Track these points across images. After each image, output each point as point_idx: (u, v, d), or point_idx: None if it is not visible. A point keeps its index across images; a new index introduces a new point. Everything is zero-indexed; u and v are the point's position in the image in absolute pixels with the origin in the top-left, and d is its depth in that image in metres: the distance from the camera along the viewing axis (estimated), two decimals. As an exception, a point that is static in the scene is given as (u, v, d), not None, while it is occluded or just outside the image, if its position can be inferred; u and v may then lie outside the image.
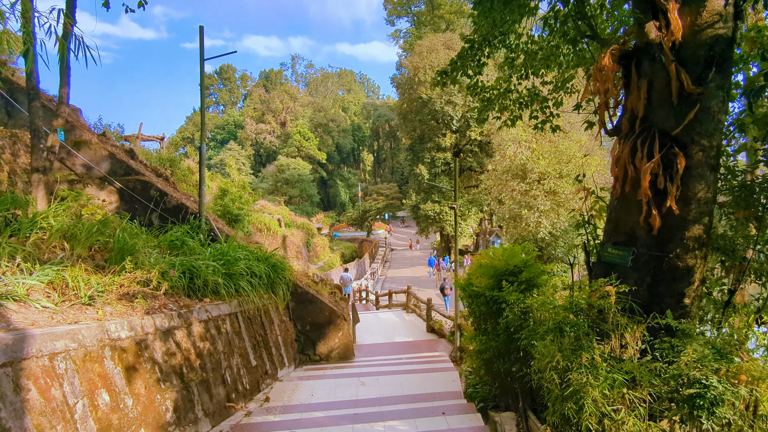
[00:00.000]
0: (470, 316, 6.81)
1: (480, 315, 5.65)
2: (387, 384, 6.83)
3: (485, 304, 5.16)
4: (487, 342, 5.14)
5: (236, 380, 6.15)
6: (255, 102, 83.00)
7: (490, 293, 4.79)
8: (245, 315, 7.11)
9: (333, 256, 42.00)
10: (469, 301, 6.42)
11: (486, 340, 5.27)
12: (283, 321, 8.89)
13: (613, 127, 4.50)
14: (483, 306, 5.21)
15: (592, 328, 3.49)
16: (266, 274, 8.38)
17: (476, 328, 6.47)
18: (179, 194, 9.38)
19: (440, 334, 11.63)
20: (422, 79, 39.01)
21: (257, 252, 8.65)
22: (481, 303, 5.24)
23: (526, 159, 26.94)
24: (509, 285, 4.55)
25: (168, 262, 6.15)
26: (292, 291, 9.35)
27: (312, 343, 9.60)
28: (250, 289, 7.49)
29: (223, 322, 6.26)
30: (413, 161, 42.92)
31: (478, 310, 5.55)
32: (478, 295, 5.35)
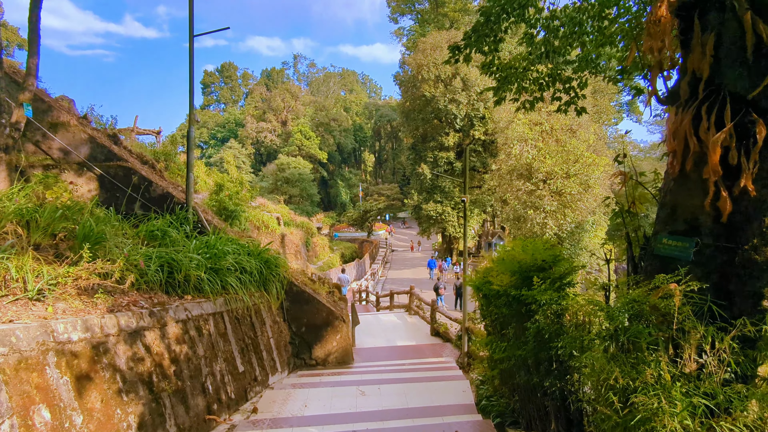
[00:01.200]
0: (485, 319, 6.07)
1: (499, 318, 4.92)
2: (389, 394, 6.09)
3: (507, 306, 4.43)
4: (509, 350, 4.40)
5: (219, 389, 5.42)
6: (256, 100, 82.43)
7: (516, 292, 4.05)
8: (232, 315, 6.38)
9: (333, 256, 41.28)
10: (485, 303, 5.68)
11: (507, 347, 4.53)
12: (276, 322, 8.16)
13: (668, 93, 3.77)
14: (504, 308, 4.47)
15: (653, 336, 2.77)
16: (258, 271, 7.66)
17: (492, 332, 5.73)
18: (166, 183, 8.66)
19: (445, 337, 10.88)
20: (426, 76, 38.32)
21: (249, 246, 7.92)
22: (502, 304, 4.50)
23: (533, 158, 26.21)
24: (541, 282, 3.80)
25: (143, 253, 5.43)
26: (287, 289, 8.63)
27: (308, 347, 8.86)
28: (239, 286, 6.76)
29: (206, 323, 5.52)
30: (415, 160, 42.20)
31: (497, 312, 4.81)
32: (498, 295, 4.62)
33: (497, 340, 5.13)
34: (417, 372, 7.49)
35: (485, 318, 6.05)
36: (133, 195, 8.04)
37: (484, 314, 6.10)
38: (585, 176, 25.61)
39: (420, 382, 6.52)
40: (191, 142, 8.04)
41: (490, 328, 5.84)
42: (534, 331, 3.63)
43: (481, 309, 6.25)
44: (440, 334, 11.15)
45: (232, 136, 78.33)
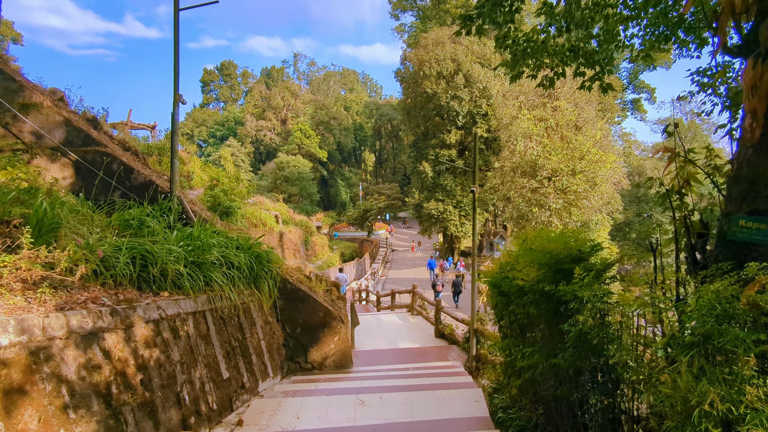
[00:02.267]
0: (501, 319, 5.38)
1: (522, 319, 4.22)
2: (393, 404, 5.40)
3: (535, 304, 3.74)
4: (537, 356, 3.71)
5: (198, 399, 4.72)
6: (256, 98, 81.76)
7: (550, 287, 3.35)
8: (217, 314, 5.69)
9: (332, 255, 40.57)
10: (502, 301, 4.99)
11: (532, 352, 3.84)
12: (269, 322, 7.47)
13: (741, 41, 3.09)
14: (531, 306, 3.77)
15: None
16: (248, 266, 6.97)
17: (511, 335, 5.04)
18: (149, 171, 7.97)
19: (451, 339, 10.19)
20: (427, 73, 37.65)
21: (238, 239, 7.23)
22: (529, 302, 3.81)
23: (537, 155, 25.52)
24: (584, 274, 3.10)
25: (111, 243, 4.74)
26: (281, 287, 7.94)
27: (303, 349, 8.17)
28: (225, 282, 6.08)
29: (184, 323, 4.83)
30: (417, 158, 41.52)
31: (520, 312, 4.12)
32: (523, 291, 3.92)
33: (519, 345, 4.44)
34: (422, 378, 6.80)
35: (501, 319, 5.36)
36: (112, 183, 7.35)
37: (500, 314, 5.41)
38: (591, 173, 24.92)
39: (426, 390, 5.82)
40: (176, 124, 7.35)
41: (507, 330, 5.15)
42: (575, 334, 2.93)
43: (497, 309, 5.56)
44: (446, 336, 10.46)
45: (231, 135, 77.64)
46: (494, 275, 5.09)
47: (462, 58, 37.93)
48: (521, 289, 4.02)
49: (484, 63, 39.55)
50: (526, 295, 3.93)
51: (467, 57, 38.32)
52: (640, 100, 50.25)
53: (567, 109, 26.04)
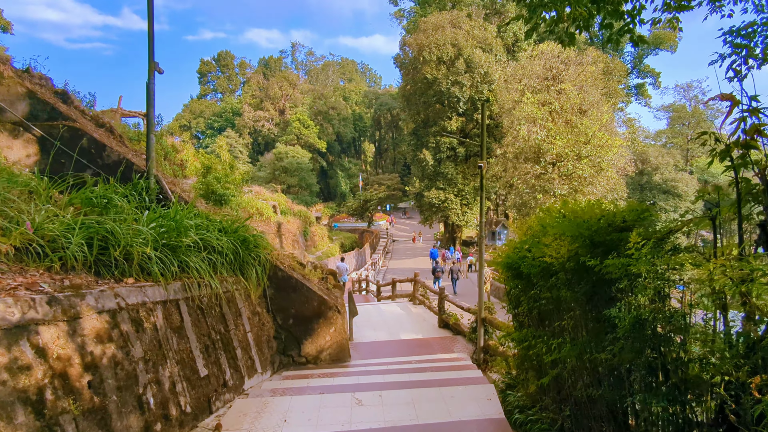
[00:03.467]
0: (516, 306, 4.71)
1: (548, 305, 3.54)
2: (394, 403, 4.74)
3: (567, 285, 3.05)
4: (568, 349, 3.03)
5: (167, 401, 4.06)
6: (253, 89, 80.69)
7: (594, 261, 2.64)
8: (194, 304, 5.02)
9: (332, 245, 39.96)
10: (519, 285, 4.31)
11: (561, 345, 3.16)
12: (257, 313, 6.80)
13: None
14: (563, 288, 3.09)
15: None
16: (233, 251, 6.31)
17: (529, 324, 4.37)
18: (125, 149, 7.26)
19: (456, 330, 9.54)
20: (427, 58, 36.70)
21: (222, 222, 6.55)
22: (559, 284, 3.12)
23: (541, 140, 24.74)
24: (642, 243, 2.39)
25: (63, 222, 4.05)
26: (271, 275, 7.27)
27: (296, 342, 7.52)
28: (205, 268, 5.41)
29: (151, 314, 4.16)
30: (417, 146, 40.70)
31: (546, 296, 3.43)
32: (550, 271, 3.24)
33: (541, 336, 3.77)
34: (426, 373, 6.13)
35: (518, 305, 4.68)
36: (82, 161, 6.64)
37: (515, 301, 4.72)
38: (597, 158, 24.16)
39: (431, 387, 5.16)
40: (152, 95, 6.62)
41: (525, 319, 4.47)
42: (631, 321, 2.24)
43: (511, 294, 4.87)
44: (450, 326, 9.81)
45: (229, 126, 76.70)
46: (509, 255, 4.40)
47: (462, 42, 36.96)
48: (547, 268, 3.33)
49: (485, 48, 38.60)
50: (553, 275, 3.25)
51: (468, 42, 37.34)
52: (644, 85, 49.28)
53: (572, 92, 25.22)
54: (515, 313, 4.86)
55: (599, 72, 27.11)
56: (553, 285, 3.23)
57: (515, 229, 5.17)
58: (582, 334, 3.04)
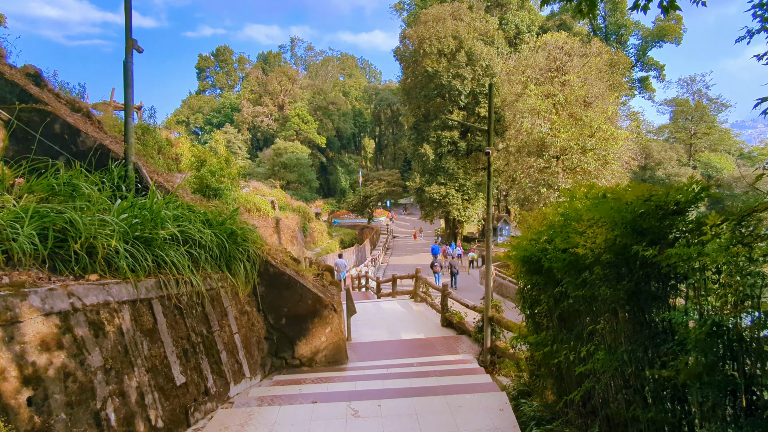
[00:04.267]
0: (534, 306, 4.17)
1: (577, 304, 3.00)
2: (394, 414, 4.21)
3: (605, 281, 2.50)
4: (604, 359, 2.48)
5: (133, 415, 3.53)
6: (252, 84, 79.95)
7: (651, 251, 2.09)
8: (171, 303, 4.48)
9: (331, 242, 39.39)
10: (539, 281, 3.77)
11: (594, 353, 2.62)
12: (246, 312, 6.27)
13: None
14: (600, 284, 2.54)
15: None
16: (218, 245, 5.78)
17: (549, 326, 3.83)
18: (102, 135, 6.71)
19: (460, 329, 9.01)
20: (428, 50, 36.06)
21: (207, 213, 6.01)
22: (597, 279, 2.58)
23: (545, 132, 24.14)
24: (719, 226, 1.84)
25: (10, 210, 3.52)
26: (262, 271, 6.74)
27: (289, 343, 7.00)
28: (185, 263, 4.87)
29: (114, 315, 3.62)
30: (417, 141, 40.11)
31: (577, 294, 2.89)
32: (583, 264, 2.69)
33: (567, 341, 3.23)
34: (430, 378, 5.60)
35: (535, 305, 4.14)
36: (54, 147, 6.09)
37: (532, 299, 4.18)
38: (603, 151, 23.57)
39: (436, 395, 4.62)
40: (129, 75, 6.06)
41: (544, 320, 3.93)
42: (708, 328, 1.70)
43: (527, 292, 4.33)
44: (454, 325, 9.28)
45: (227, 122, 76.01)
46: (526, 248, 3.85)
47: (464, 35, 36.33)
48: (575, 261, 2.78)
49: (487, 40, 37.98)
50: (585, 270, 2.70)
51: (469, 34, 36.72)
52: (648, 78, 48.56)
53: (576, 84, 24.60)
54: (531, 312, 4.31)
55: (604, 63, 26.47)
56: (586, 281, 2.69)
57: (532, 219, 4.60)
58: (621, 341, 2.50)
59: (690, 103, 60.77)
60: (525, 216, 18.98)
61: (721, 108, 61.74)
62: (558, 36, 25.50)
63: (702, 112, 61.00)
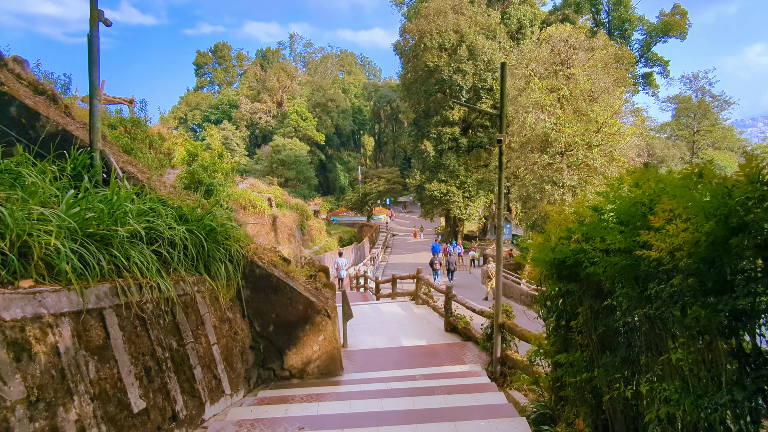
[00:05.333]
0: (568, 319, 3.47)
1: (644, 325, 2.29)
2: (396, 446, 3.51)
3: (694, 295, 1.79)
4: (684, 400, 1.77)
5: (70, 458, 2.82)
6: (250, 80, 79.15)
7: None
8: (131, 312, 3.77)
9: (330, 240, 38.67)
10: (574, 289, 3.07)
11: (667, 391, 1.91)
12: (227, 319, 5.56)
13: None
14: (688, 299, 1.83)
15: None
16: (195, 243, 5.07)
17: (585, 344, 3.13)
18: (66, 120, 6.00)
19: (466, 335, 8.31)
20: (429, 45, 35.33)
21: (182, 207, 5.30)
22: (685, 291, 1.86)
23: (550, 128, 23.42)
24: None
25: None
26: (247, 272, 6.04)
27: (278, 353, 6.30)
28: (151, 264, 4.15)
29: (49, 331, 2.92)
30: (418, 137, 39.41)
31: (647, 313, 2.18)
32: (649, 272, 1.98)
33: (616, 368, 2.52)
34: (436, 396, 4.90)
35: (566, 317, 3.43)
36: (10, 132, 5.38)
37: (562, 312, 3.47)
38: (609, 147, 22.86)
39: (444, 421, 3.92)
40: (95, 50, 5.35)
41: (578, 337, 3.22)
42: None
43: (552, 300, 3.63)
44: (458, 330, 8.58)
45: (225, 118, 75.20)
46: (559, 248, 3.14)
47: (465, 29, 35.59)
48: (634, 265, 2.07)
49: (489, 35, 37.23)
50: (655, 278, 1.99)
51: (471, 28, 35.98)
52: (652, 74, 47.81)
53: (581, 78, 23.87)
54: (559, 326, 3.60)
55: (610, 57, 25.74)
56: (656, 295, 1.98)
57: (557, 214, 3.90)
58: (715, 379, 1.80)
59: (693, 100, 60.06)
60: (548, 210, 18.36)
61: (724, 105, 61.03)
62: (563, 28, 24.76)
63: (705, 110, 60.31)
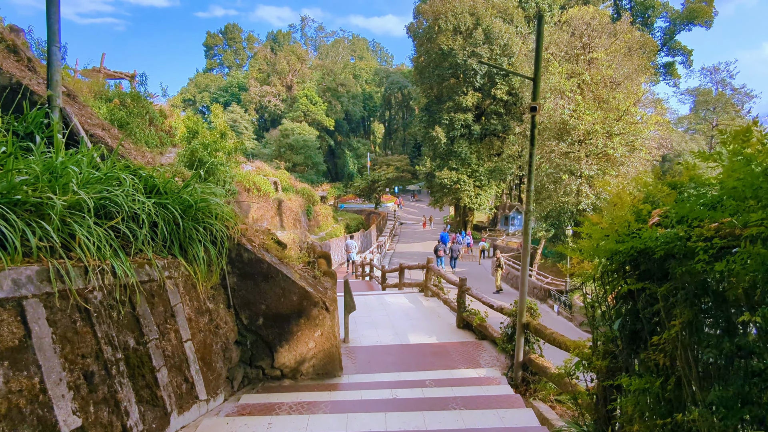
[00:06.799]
0: (656, 331, 2.59)
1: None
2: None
3: None
4: None
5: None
6: (260, 63, 77.97)
7: None
8: (68, 303, 2.95)
9: (336, 226, 37.91)
10: (666, 292, 2.14)
11: None
12: (206, 310, 4.75)
13: None
14: None
15: None
16: (167, 221, 4.25)
17: (671, 365, 2.23)
18: (24, 73, 5.16)
19: (481, 333, 7.46)
20: (443, 27, 34.06)
21: (154, 177, 4.46)
22: None
23: (569, 114, 22.28)
24: None
25: None
26: (234, 256, 5.21)
27: (268, 349, 5.50)
28: (104, 243, 3.33)
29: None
30: (429, 123, 38.28)
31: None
32: None
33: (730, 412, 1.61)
34: (451, 411, 4.05)
35: (626, 328, 2.55)
36: (-47, 84, 4.56)
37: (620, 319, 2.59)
38: (631, 136, 21.70)
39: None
40: None
41: (659, 356, 2.34)
42: None
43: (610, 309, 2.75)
44: (472, 328, 7.74)
45: (234, 101, 74.31)
46: (643, 234, 2.25)
47: (481, 11, 34.25)
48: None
49: (506, 18, 35.85)
50: None
51: (487, 11, 34.62)
52: (674, 63, 46.07)
53: (604, 63, 22.64)
54: (626, 336, 2.72)
55: (634, 41, 24.43)
56: None
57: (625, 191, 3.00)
58: None
59: (713, 93, 58.19)
60: (604, 187, 17.07)
61: (745, 99, 59.15)
62: (585, 10, 23.47)
63: (725, 103, 58.47)
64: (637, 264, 2.41)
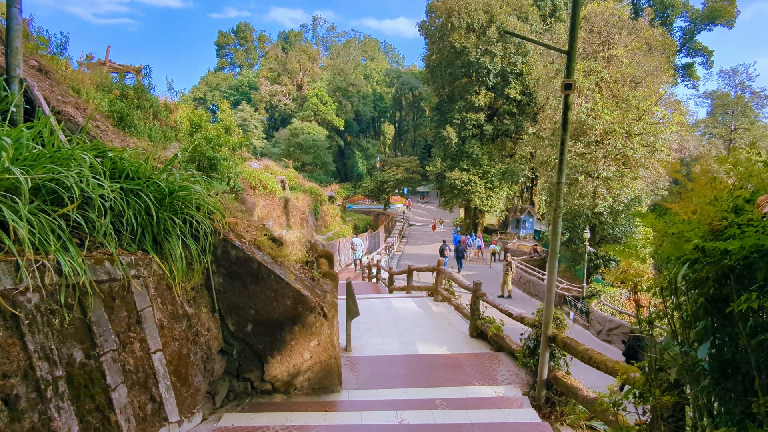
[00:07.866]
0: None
1: None
2: None
3: None
4: None
5: None
6: (271, 62, 77.70)
7: None
8: (-13, 308, 2.31)
9: (344, 227, 37.28)
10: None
11: None
12: (184, 315, 4.10)
13: None
14: None
15: None
16: (137, 210, 3.62)
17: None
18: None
19: (497, 343, 6.75)
20: (456, 25, 33.33)
21: (123, 159, 3.83)
22: None
23: (586, 114, 21.43)
24: None
25: None
26: (220, 254, 4.56)
27: (257, 359, 4.84)
28: (45, 234, 2.70)
29: None
30: (440, 123, 37.54)
31: None
32: None
33: None
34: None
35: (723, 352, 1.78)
36: None
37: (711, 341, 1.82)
38: (651, 136, 20.79)
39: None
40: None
41: None
42: None
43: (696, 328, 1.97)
44: (487, 337, 7.03)
45: (245, 100, 74.10)
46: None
47: (495, 9, 33.48)
48: None
49: (520, 16, 35.02)
50: None
51: (501, 8, 33.84)
52: (693, 65, 44.83)
53: (624, 60, 21.75)
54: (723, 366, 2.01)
55: (655, 39, 23.51)
56: None
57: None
58: None
59: (731, 96, 56.74)
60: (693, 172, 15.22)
61: (765, 102, 57.60)
62: (605, 5, 22.60)
63: (744, 107, 56.99)
64: (732, 272, 1.70)
